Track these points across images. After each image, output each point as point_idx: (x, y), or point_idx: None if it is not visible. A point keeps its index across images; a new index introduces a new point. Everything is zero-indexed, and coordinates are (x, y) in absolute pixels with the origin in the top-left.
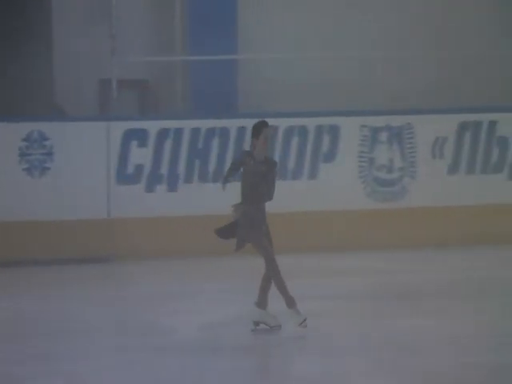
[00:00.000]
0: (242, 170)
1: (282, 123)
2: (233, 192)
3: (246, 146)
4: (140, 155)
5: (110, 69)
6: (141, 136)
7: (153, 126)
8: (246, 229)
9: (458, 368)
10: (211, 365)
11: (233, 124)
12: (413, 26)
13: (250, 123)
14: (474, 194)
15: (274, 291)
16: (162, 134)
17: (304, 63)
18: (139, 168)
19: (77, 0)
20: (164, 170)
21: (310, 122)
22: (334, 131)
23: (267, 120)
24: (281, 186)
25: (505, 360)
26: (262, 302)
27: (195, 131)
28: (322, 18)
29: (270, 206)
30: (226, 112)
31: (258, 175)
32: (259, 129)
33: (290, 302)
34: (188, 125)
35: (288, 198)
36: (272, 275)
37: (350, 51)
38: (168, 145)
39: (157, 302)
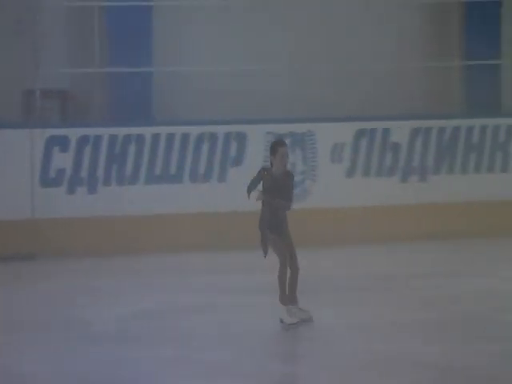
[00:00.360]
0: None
1: (194, 130)
2: (146, 196)
3: (160, 152)
4: (61, 160)
5: (33, 80)
6: (62, 142)
7: (73, 133)
8: (265, 232)
9: (366, 354)
10: (128, 354)
11: (148, 131)
12: (311, 40)
13: (163, 130)
14: (369, 196)
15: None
16: (82, 141)
17: (214, 75)
18: (61, 172)
19: (2, 15)
20: (84, 173)
21: (219, 130)
22: (242, 138)
23: (186, 127)
24: (192, 189)
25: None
26: (291, 299)
27: (113, 138)
28: (231, 32)
29: (182, 207)
30: (141, 120)
31: (274, 188)
32: (276, 148)
33: (285, 300)
34: (106, 132)
35: (198, 199)
36: (279, 274)
37: (256, 64)
38: (88, 150)
39: (78, 297)
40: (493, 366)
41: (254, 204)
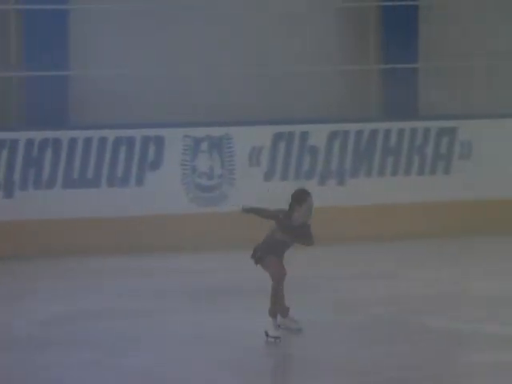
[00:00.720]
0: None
1: (111, 134)
2: (64, 200)
3: (78, 156)
4: None
5: None
6: None
7: None
8: (264, 251)
9: (275, 358)
10: (41, 359)
11: (65, 135)
12: (228, 42)
13: (80, 134)
14: (287, 199)
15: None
16: None
17: (132, 78)
18: None
19: None
20: (0, 177)
21: (137, 133)
22: (159, 141)
23: (106, 131)
24: (109, 193)
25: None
26: (282, 311)
27: (29, 142)
28: (149, 36)
29: (99, 211)
30: (58, 124)
31: (290, 232)
32: (303, 197)
33: (271, 313)
34: (23, 136)
35: (116, 204)
36: (274, 291)
37: (174, 67)
38: (4, 155)
39: None
40: (400, 368)
41: (171, 208)
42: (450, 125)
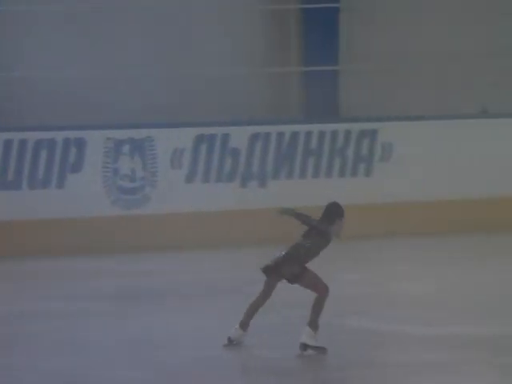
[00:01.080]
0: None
1: (32, 136)
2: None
3: (13, 158)
4: None
5: None
6: None
7: None
8: (297, 266)
9: (200, 361)
10: None
11: None
12: (150, 45)
13: (1, 137)
14: (209, 201)
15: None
16: None
17: (54, 80)
18: None
19: None
20: None
21: (58, 136)
22: (81, 143)
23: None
24: (30, 195)
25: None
26: (245, 324)
27: None
28: (75, 38)
29: (20, 214)
30: None
31: (325, 245)
32: (343, 211)
33: (314, 326)
34: None
35: (37, 206)
36: (320, 302)
37: (97, 69)
38: None
39: None
40: (323, 368)
41: (93, 210)
42: (371, 127)
